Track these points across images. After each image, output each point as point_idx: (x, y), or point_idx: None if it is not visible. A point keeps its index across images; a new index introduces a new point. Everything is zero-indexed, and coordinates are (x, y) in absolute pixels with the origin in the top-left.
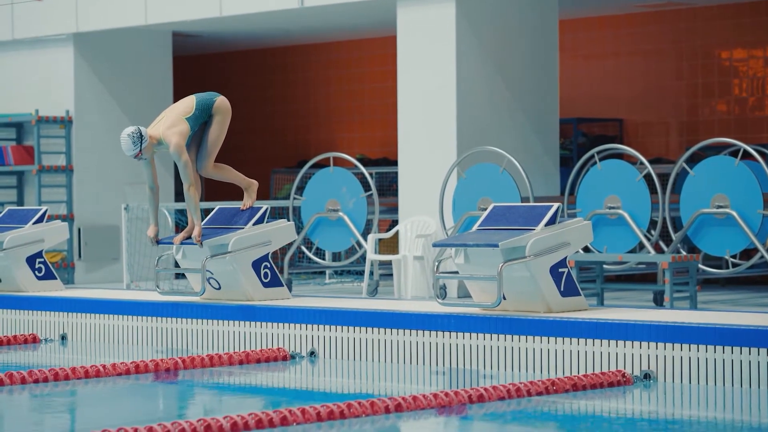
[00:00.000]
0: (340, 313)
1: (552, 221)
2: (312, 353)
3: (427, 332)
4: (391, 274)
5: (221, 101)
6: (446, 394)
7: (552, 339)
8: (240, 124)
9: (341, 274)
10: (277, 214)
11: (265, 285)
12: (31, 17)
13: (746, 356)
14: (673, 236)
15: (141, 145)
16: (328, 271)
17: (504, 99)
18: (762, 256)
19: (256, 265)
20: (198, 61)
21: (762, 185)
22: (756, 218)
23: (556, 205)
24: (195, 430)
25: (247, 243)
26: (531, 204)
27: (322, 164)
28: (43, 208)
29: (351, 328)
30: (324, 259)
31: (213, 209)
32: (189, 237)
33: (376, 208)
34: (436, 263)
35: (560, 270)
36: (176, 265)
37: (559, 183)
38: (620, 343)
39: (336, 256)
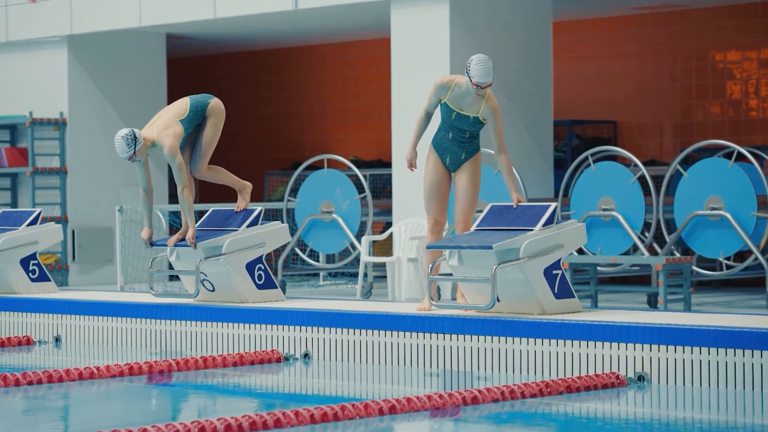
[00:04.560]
0: (334, 315)
1: (550, 221)
2: (306, 355)
3: (420, 334)
4: (385, 276)
5: (215, 103)
6: (440, 396)
7: (546, 341)
8: (234, 125)
9: (335, 276)
10: (271, 216)
11: (259, 287)
12: (25, 19)
13: (740, 358)
14: (667, 238)
15: (135, 147)
16: (322, 273)
17: (498, 100)
18: (756, 258)
19: (250, 267)
20: (192, 63)
21: (756, 187)
22: (750, 220)
23: (553, 205)
24: None
25: (241, 245)
26: (529, 204)
27: (316, 166)
28: (37, 210)
29: (345, 330)
30: (318, 261)
31: (207, 211)
32: (183, 239)
33: (370, 210)
34: (430, 265)
35: (554, 272)
36: (170, 267)
37: (553, 185)
38: (614, 345)
39: (330, 258)
